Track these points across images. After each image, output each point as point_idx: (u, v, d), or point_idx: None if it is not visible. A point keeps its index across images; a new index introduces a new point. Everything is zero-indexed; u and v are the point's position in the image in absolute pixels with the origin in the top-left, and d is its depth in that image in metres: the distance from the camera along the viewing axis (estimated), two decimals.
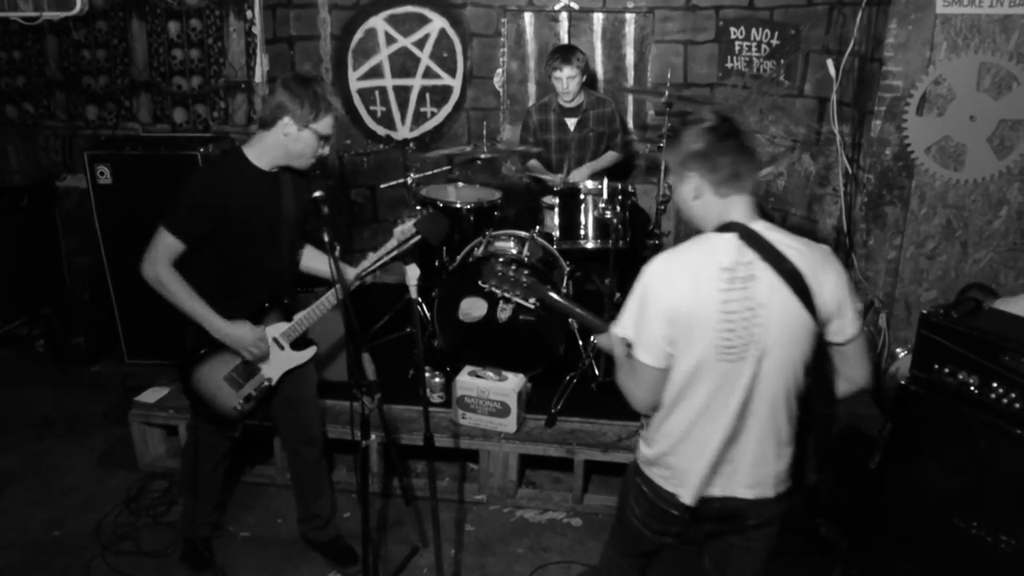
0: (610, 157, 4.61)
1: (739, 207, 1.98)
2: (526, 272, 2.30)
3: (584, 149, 4.59)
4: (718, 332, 1.90)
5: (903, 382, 2.83)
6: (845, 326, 2.00)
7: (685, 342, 1.92)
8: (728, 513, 2.10)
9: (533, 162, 4.69)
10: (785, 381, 1.98)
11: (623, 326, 2.02)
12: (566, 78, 4.40)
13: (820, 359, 2.06)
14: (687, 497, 2.05)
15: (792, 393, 2.01)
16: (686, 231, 5.43)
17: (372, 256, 2.86)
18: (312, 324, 2.92)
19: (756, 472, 2.04)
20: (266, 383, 2.91)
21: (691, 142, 1.98)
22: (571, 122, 4.65)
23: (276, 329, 2.87)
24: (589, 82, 4.76)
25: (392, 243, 2.85)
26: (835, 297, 1.95)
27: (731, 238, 1.93)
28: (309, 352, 2.97)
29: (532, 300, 2.36)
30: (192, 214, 2.64)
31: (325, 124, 2.64)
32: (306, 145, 2.65)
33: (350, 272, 2.85)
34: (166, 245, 2.63)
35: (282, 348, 2.90)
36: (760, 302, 1.90)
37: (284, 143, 2.64)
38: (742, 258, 1.91)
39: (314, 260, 3.03)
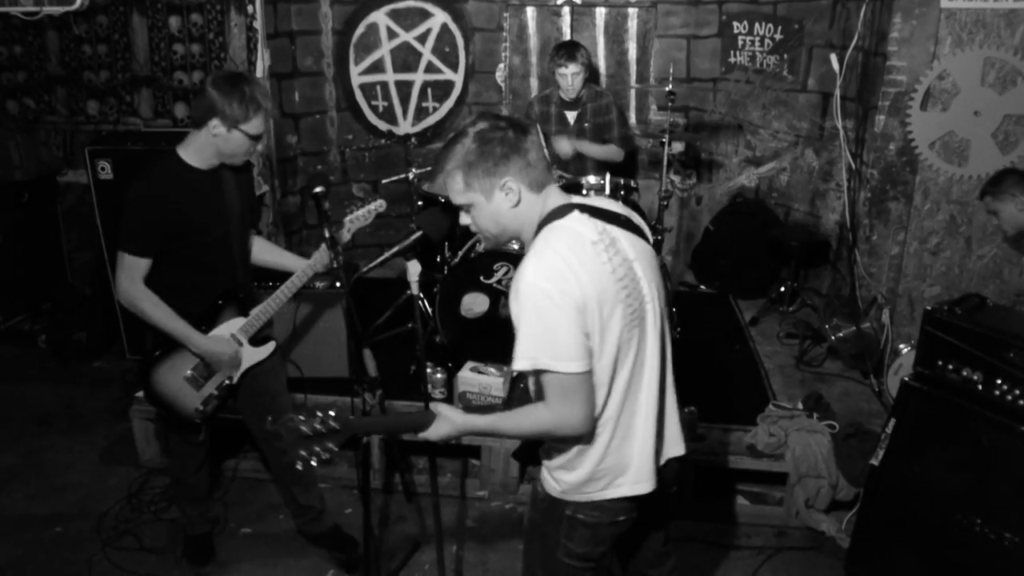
0: (611, 151, 4.57)
1: (554, 194, 1.94)
2: (329, 413, 1.97)
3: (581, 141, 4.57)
4: (622, 301, 1.86)
5: (906, 378, 2.82)
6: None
7: (601, 327, 1.82)
8: (670, 478, 2.07)
9: None
10: (665, 323, 2.03)
11: (528, 356, 1.79)
12: (570, 74, 4.39)
13: None
14: (646, 485, 1.97)
15: None
16: (688, 227, 5.41)
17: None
18: (269, 318, 2.89)
19: (679, 422, 2.10)
20: (227, 381, 2.87)
21: (493, 146, 1.84)
22: (571, 115, 4.63)
23: (232, 325, 2.83)
24: (592, 77, 4.75)
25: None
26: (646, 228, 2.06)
27: (577, 215, 1.90)
28: (268, 348, 2.94)
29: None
30: (144, 228, 2.62)
31: (255, 124, 2.61)
32: (237, 145, 2.63)
33: (324, 254, 2.80)
34: (131, 266, 2.63)
35: (240, 344, 2.86)
36: (631, 258, 1.92)
37: (214, 143, 2.62)
38: (598, 227, 1.90)
39: (266, 252, 3.02)
